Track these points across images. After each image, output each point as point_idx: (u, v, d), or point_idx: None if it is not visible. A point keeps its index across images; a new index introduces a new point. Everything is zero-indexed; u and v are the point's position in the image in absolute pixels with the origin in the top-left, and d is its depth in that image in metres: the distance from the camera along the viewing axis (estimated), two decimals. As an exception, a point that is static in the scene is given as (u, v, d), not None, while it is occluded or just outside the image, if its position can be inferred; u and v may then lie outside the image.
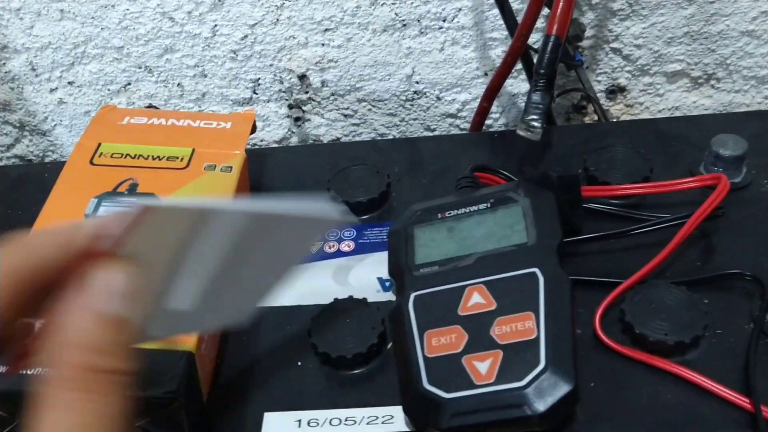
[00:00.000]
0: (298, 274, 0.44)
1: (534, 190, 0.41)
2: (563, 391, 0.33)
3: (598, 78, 0.63)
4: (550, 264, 0.37)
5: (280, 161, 0.54)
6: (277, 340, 0.41)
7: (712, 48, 0.60)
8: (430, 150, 0.53)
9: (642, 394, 0.36)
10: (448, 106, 0.65)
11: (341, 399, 0.38)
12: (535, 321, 0.35)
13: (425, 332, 0.37)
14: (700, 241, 0.43)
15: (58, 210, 0.42)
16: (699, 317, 0.37)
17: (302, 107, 0.66)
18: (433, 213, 0.43)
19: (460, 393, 0.34)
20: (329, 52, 0.62)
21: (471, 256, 0.39)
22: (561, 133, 0.53)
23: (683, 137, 0.50)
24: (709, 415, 0.35)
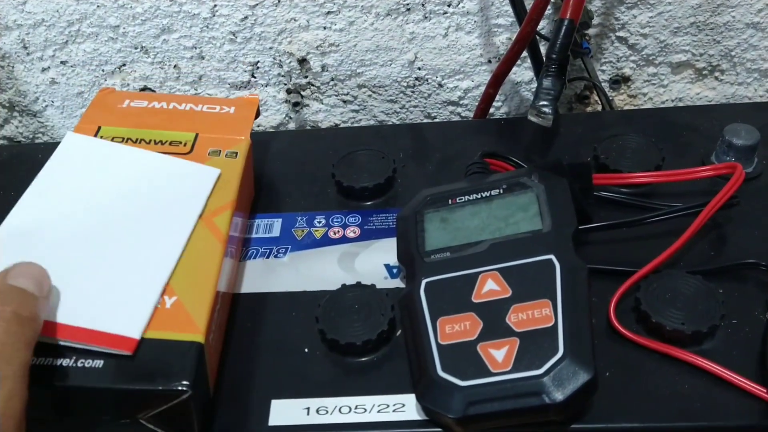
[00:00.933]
0: (303, 260, 0.43)
1: (548, 176, 0.41)
2: (582, 380, 0.32)
3: (603, 67, 0.63)
4: (566, 251, 0.37)
5: (282, 147, 0.52)
6: (283, 327, 0.40)
7: (718, 39, 0.60)
8: (435, 136, 0.52)
9: (658, 384, 0.35)
10: (449, 93, 0.64)
11: (350, 386, 0.37)
12: (553, 309, 0.34)
13: (438, 319, 0.36)
14: (713, 231, 0.42)
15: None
16: (716, 307, 0.37)
17: (301, 92, 0.64)
18: (443, 198, 0.42)
19: (476, 381, 0.33)
20: (331, 35, 0.61)
21: (484, 242, 0.38)
22: (569, 121, 0.52)
23: (693, 127, 0.50)
24: (726, 404, 0.34)
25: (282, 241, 0.45)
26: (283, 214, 0.47)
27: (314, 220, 0.46)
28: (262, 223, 0.46)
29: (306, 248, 0.44)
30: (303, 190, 0.48)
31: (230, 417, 0.36)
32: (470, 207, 0.41)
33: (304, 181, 0.49)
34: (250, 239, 0.45)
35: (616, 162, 0.46)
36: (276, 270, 0.43)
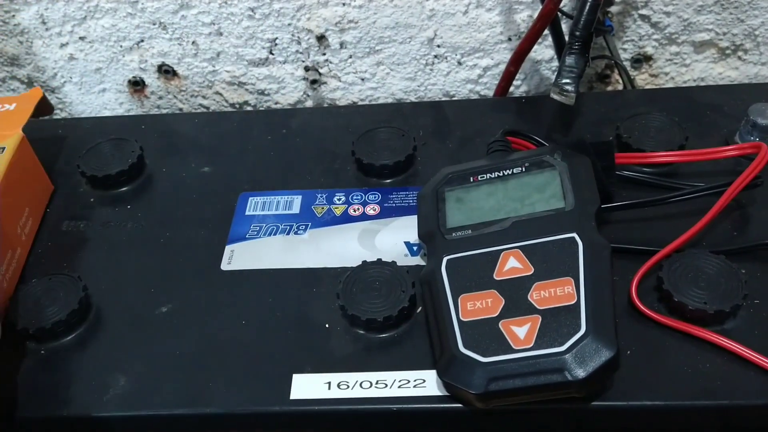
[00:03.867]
0: (323, 236, 0.44)
1: (570, 154, 0.41)
2: (605, 357, 0.32)
3: (624, 46, 0.62)
4: (589, 229, 0.37)
5: (300, 124, 0.52)
6: (304, 303, 0.40)
7: (742, 18, 0.59)
8: (455, 114, 0.52)
9: (680, 363, 0.35)
10: (469, 71, 0.63)
11: (370, 362, 0.37)
12: (575, 286, 0.34)
13: (460, 296, 0.36)
14: (735, 211, 0.42)
15: None
16: (738, 287, 0.36)
17: (319, 69, 0.64)
18: (465, 176, 0.42)
19: (498, 357, 0.33)
20: (350, 12, 0.60)
21: (506, 220, 0.38)
22: (591, 100, 0.52)
23: (716, 106, 0.49)
24: (747, 383, 0.34)
25: (302, 218, 0.45)
26: (303, 191, 0.47)
27: (334, 197, 0.46)
28: (282, 199, 0.46)
29: (326, 225, 0.44)
30: (323, 168, 0.48)
31: (252, 391, 0.36)
32: (492, 185, 0.41)
33: (323, 159, 0.49)
34: (269, 215, 0.45)
35: (639, 141, 0.45)
36: (296, 246, 0.43)
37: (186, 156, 0.51)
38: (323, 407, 0.35)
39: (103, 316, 0.40)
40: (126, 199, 0.48)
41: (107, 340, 0.39)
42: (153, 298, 0.41)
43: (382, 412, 0.35)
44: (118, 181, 0.48)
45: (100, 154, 0.49)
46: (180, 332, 0.39)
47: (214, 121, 0.54)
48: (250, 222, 0.45)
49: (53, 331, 0.39)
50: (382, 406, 0.35)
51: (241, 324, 0.39)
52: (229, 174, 0.49)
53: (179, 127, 0.53)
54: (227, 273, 0.42)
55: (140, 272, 0.43)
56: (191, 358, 0.38)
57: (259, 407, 0.36)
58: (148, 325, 0.40)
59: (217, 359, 0.38)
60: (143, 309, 0.41)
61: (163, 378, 0.37)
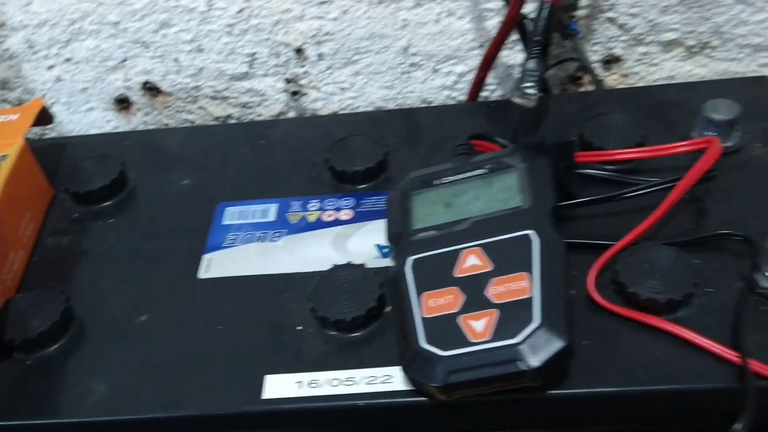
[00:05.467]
0: (297, 242, 0.45)
1: (529, 155, 0.42)
2: (557, 346, 0.33)
3: (594, 48, 0.64)
4: (544, 226, 0.38)
5: (279, 134, 0.54)
6: (278, 307, 0.42)
7: (707, 16, 0.60)
8: (428, 120, 0.53)
9: (634, 351, 0.37)
10: (444, 78, 0.65)
11: (341, 361, 0.39)
12: (530, 281, 0.36)
13: (422, 294, 0.37)
14: (693, 204, 0.43)
15: None
16: (690, 276, 0.38)
17: (299, 81, 0.66)
18: (430, 179, 0.43)
19: (457, 350, 0.34)
20: (325, 24, 0.62)
21: (467, 220, 0.40)
22: (557, 102, 0.53)
23: (678, 104, 0.51)
24: (700, 369, 0.35)
25: (277, 226, 0.47)
26: (279, 199, 0.49)
27: (308, 204, 0.48)
28: (258, 208, 0.48)
29: (300, 231, 0.46)
30: (299, 176, 0.50)
31: (226, 393, 0.38)
32: (455, 187, 0.42)
33: (299, 168, 0.51)
34: (246, 224, 0.47)
35: (601, 140, 0.47)
36: (271, 253, 0.45)
37: (167, 170, 0.52)
38: (293, 405, 0.37)
39: (86, 326, 0.42)
40: (108, 213, 0.50)
41: (89, 349, 0.41)
42: (132, 307, 0.43)
43: (350, 408, 0.37)
44: (100, 197, 0.50)
45: (83, 171, 0.51)
46: (158, 340, 0.41)
47: (194, 135, 0.56)
48: (227, 231, 0.47)
49: (38, 342, 0.41)
50: (350, 403, 0.37)
51: (217, 329, 0.41)
52: (207, 186, 0.50)
53: (161, 143, 0.55)
54: (204, 281, 0.44)
55: (121, 283, 0.45)
56: (169, 363, 0.40)
57: (232, 408, 0.37)
58: (127, 334, 0.42)
59: (194, 364, 0.39)
60: (123, 318, 0.42)
61: (142, 383, 0.39)
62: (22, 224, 0.46)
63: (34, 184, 0.49)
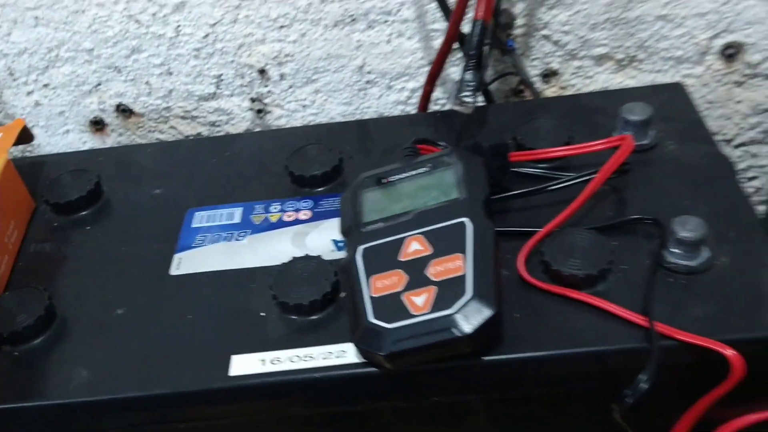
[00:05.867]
0: (260, 241, 0.50)
1: (465, 155, 0.47)
2: (487, 314, 0.38)
3: (533, 63, 0.69)
4: (477, 214, 0.43)
5: (243, 146, 0.59)
6: (243, 297, 0.46)
7: (632, 32, 0.67)
8: (380, 130, 0.59)
9: (559, 320, 0.41)
10: (398, 94, 0.71)
11: (300, 341, 0.43)
12: (464, 261, 0.41)
13: (371, 276, 0.42)
14: (613, 194, 0.49)
15: None
16: (606, 254, 0.43)
17: (263, 100, 0.71)
18: (378, 178, 0.48)
19: (400, 323, 0.39)
20: (285, 47, 0.67)
21: (411, 212, 0.45)
22: (497, 110, 0.59)
23: (602, 109, 0.56)
24: (615, 333, 0.40)
25: (242, 227, 0.51)
26: (244, 203, 0.53)
27: (270, 206, 0.52)
28: (224, 212, 0.53)
29: (263, 231, 0.51)
30: (261, 183, 0.55)
31: (196, 372, 0.42)
32: (400, 184, 0.47)
33: (262, 175, 0.55)
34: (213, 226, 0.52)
35: (532, 141, 0.52)
36: (237, 251, 0.49)
37: (139, 181, 0.57)
38: (257, 381, 0.41)
39: (68, 321, 0.46)
40: (86, 222, 0.54)
41: (71, 341, 0.45)
42: (110, 302, 0.47)
43: (308, 380, 0.41)
44: (78, 207, 0.54)
45: (61, 184, 0.55)
46: (134, 330, 0.45)
47: (164, 149, 0.60)
48: (197, 233, 0.51)
49: (24, 335, 0.45)
50: (308, 375, 0.41)
51: (188, 318, 0.45)
52: (177, 194, 0.55)
53: (133, 157, 0.60)
54: (175, 277, 0.48)
55: (98, 282, 0.49)
56: (144, 349, 0.44)
57: (202, 385, 0.41)
58: (106, 326, 0.46)
59: (167, 349, 0.44)
60: (101, 312, 0.46)
61: (119, 368, 0.43)
62: (7, 232, 0.50)
63: (18, 196, 0.53)
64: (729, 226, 0.45)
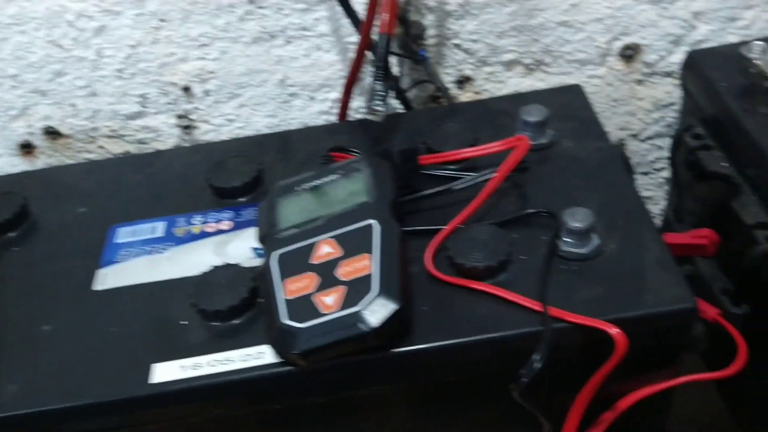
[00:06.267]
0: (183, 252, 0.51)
1: (374, 160, 0.50)
2: (391, 309, 0.41)
3: (447, 71, 0.73)
4: (384, 216, 0.46)
5: (166, 162, 0.61)
6: (165, 307, 0.48)
7: (536, 38, 0.71)
8: (300, 140, 0.61)
9: (463, 310, 0.44)
10: (321, 104, 0.73)
11: (220, 345, 0.45)
12: (371, 260, 0.43)
13: (285, 280, 0.44)
14: (514, 191, 0.52)
15: None
16: (504, 246, 0.46)
17: (190, 116, 0.73)
18: (293, 186, 0.51)
19: (311, 322, 0.42)
20: (207, 64, 0.69)
21: (323, 217, 0.47)
22: (411, 117, 0.62)
23: (507, 112, 0.60)
24: (513, 318, 0.43)
25: (165, 240, 0.53)
26: (167, 217, 0.55)
27: (192, 219, 0.54)
28: (147, 226, 0.54)
29: (185, 242, 0.52)
30: (184, 196, 0.57)
31: (119, 382, 0.44)
32: (313, 191, 0.50)
33: (185, 189, 0.57)
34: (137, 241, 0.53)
35: (440, 145, 0.55)
36: (159, 263, 0.51)
37: (65, 201, 0.58)
38: (177, 386, 0.43)
39: (-6, 339, 0.47)
40: (13, 243, 0.55)
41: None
42: (36, 319, 0.48)
43: (228, 382, 0.43)
44: (4, 228, 0.55)
45: (-13, 207, 0.56)
46: (59, 344, 0.46)
47: (90, 169, 0.62)
48: (120, 248, 0.53)
49: (-49, 353, 0.45)
50: (227, 378, 0.43)
51: (111, 331, 0.47)
52: (102, 212, 0.56)
53: (60, 178, 0.61)
54: (99, 293, 0.50)
55: (25, 300, 0.50)
56: (69, 363, 0.45)
57: (124, 394, 0.43)
58: (32, 341, 0.47)
59: (91, 361, 0.45)
60: (28, 329, 0.48)
61: (46, 381, 0.44)
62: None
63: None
64: (618, 215, 0.49)
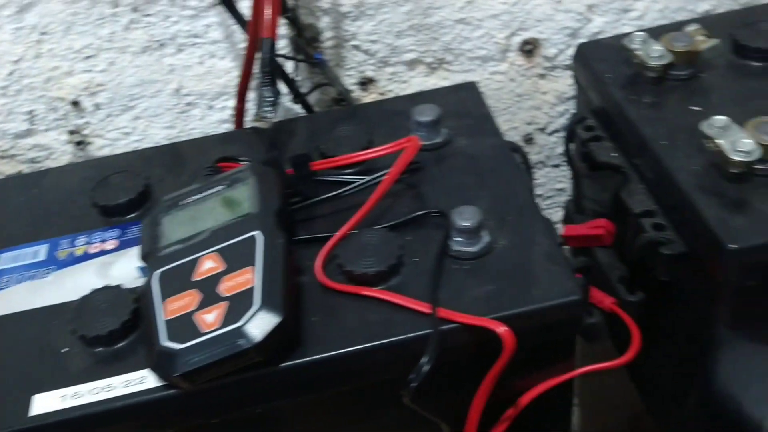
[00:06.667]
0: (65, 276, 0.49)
1: (259, 169, 0.49)
2: (274, 322, 0.40)
3: (349, 73, 0.72)
4: (269, 227, 0.45)
5: (51, 181, 0.58)
6: (45, 335, 0.45)
7: (435, 36, 0.70)
8: (192, 151, 0.59)
9: (353, 318, 0.43)
10: (220, 113, 0.71)
11: (104, 372, 0.43)
12: (253, 273, 0.42)
13: (166, 300, 0.42)
14: (408, 192, 0.51)
15: None
16: (394, 250, 0.45)
17: (82, 131, 0.70)
18: (177, 200, 0.49)
19: (191, 342, 0.40)
20: (95, 77, 0.66)
21: (207, 230, 0.46)
22: (306, 122, 0.61)
23: (404, 112, 0.59)
24: (403, 322, 0.43)
25: (47, 264, 0.50)
26: (50, 239, 0.52)
27: (76, 240, 0.52)
28: (29, 251, 0.51)
29: (68, 266, 0.50)
30: (69, 216, 0.54)
31: (-7, 417, 0.41)
32: (197, 204, 0.48)
33: (70, 209, 0.55)
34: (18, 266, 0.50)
35: (333, 149, 0.54)
36: (41, 289, 0.48)
37: (-59, 229, 0.54)
38: (57, 418, 0.41)
39: None
40: None
41: None
42: None
43: (109, 410, 0.41)
44: None
45: None
46: (-70, 382, 0.43)
47: (-31, 193, 0.58)
48: (1, 276, 0.50)
49: None
50: (108, 406, 0.41)
51: (-13, 364, 0.44)
52: (-19, 238, 0.53)
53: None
54: (-24, 324, 0.47)
55: None
56: (-60, 401, 0.42)
57: (2, 428, 0.40)
58: None
59: (-34, 397, 0.42)
60: None
61: None
62: None
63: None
64: (508, 211, 0.49)
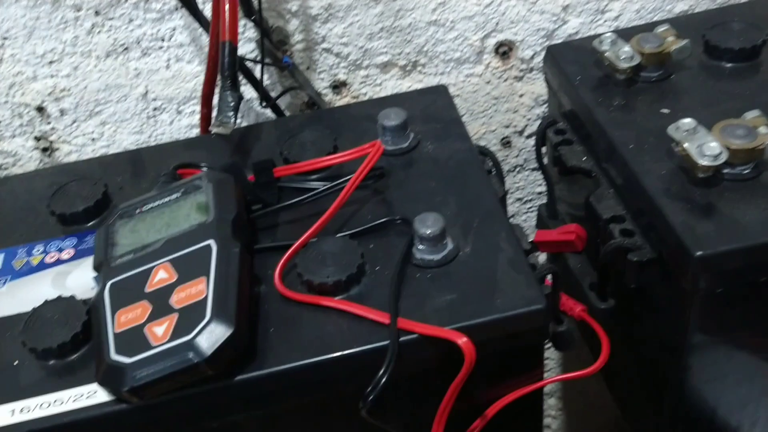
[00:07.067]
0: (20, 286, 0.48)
1: (216, 176, 0.47)
2: (225, 335, 0.38)
3: (321, 76, 0.71)
4: (224, 235, 0.43)
5: (8, 190, 0.56)
6: (-4, 348, 0.44)
7: (408, 39, 0.69)
8: (154, 157, 0.58)
9: (311, 329, 0.42)
10: (190, 118, 0.70)
11: (55, 385, 0.41)
12: (207, 284, 0.41)
13: (116, 312, 0.41)
14: (373, 198, 0.50)
15: None
16: (354, 258, 0.44)
17: (48, 138, 0.68)
18: (132, 208, 0.47)
19: (140, 356, 0.38)
20: (59, 82, 0.65)
21: (161, 240, 0.44)
22: (272, 127, 0.59)
23: (372, 117, 0.58)
24: (361, 333, 0.41)
25: (2, 274, 0.49)
26: (6, 249, 0.51)
27: (33, 249, 0.50)
28: (-17, 261, 0.50)
29: (23, 276, 0.49)
30: (27, 226, 0.53)
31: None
32: (153, 212, 0.47)
33: (28, 218, 0.53)
34: (-30, 277, 0.49)
35: (297, 155, 0.53)
36: (-6, 300, 0.47)
37: None
38: (3, 434, 0.39)
39: None
40: None
41: None
42: None
43: (57, 425, 0.39)
44: None
45: None
46: None
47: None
48: (-48, 288, 0.48)
49: None
50: (57, 421, 0.39)
51: (-66, 379, 0.43)
52: (-66, 248, 0.52)
53: None
54: (-75, 339, 0.45)
55: None
56: None
57: (-55, 447, 0.39)
58: None
59: None
60: None
61: None
62: None
63: None
64: (474, 216, 0.47)
